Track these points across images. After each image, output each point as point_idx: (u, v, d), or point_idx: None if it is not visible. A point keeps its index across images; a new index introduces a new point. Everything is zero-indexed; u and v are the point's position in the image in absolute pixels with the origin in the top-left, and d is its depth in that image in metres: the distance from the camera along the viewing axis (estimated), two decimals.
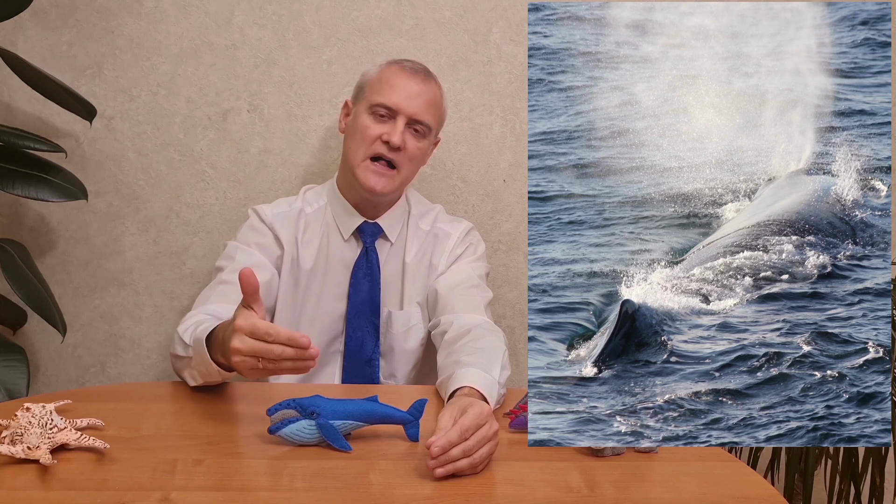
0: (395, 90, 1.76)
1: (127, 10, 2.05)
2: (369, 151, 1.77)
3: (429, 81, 1.81)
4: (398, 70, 1.79)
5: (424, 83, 1.79)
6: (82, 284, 2.13)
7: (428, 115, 1.79)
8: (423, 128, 1.79)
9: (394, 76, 1.78)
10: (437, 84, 1.84)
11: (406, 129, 1.77)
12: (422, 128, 1.79)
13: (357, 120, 1.80)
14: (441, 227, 1.89)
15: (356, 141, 1.78)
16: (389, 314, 1.85)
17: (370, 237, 1.84)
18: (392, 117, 1.76)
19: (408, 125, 1.77)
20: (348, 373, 1.85)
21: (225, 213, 2.12)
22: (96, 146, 2.09)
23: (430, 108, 1.79)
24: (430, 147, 1.86)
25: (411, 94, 1.77)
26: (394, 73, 1.79)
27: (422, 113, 1.77)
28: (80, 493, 1.18)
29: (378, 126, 1.76)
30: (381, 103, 1.76)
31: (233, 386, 1.73)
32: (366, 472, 1.28)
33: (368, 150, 1.77)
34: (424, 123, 1.78)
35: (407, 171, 1.80)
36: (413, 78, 1.78)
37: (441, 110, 1.84)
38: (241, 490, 1.21)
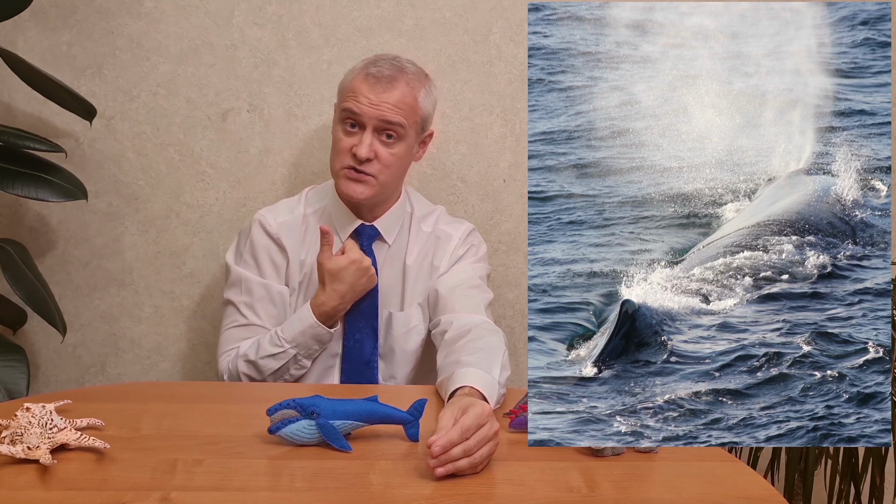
0: (358, 98, 1.75)
1: (127, 10, 2.05)
2: (343, 163, 1.77)
3: (394, 85, 1.75)
4: (363, 78, 1.76)
5: (389, 89, 1.75)
6: (82, 284, 2.13)
7: (397, 114, 1.75)
8: (395, 130, 1.75)
9: (359, 84, 1.76)
10: (409, 83, 1.77)
11: (375, 138, 1.75)
12: (393, 131, 1.75)
13: (334, 129, 1.81)
14: (442, 228, 1.89)
15: (333, 151, 1.80)
16: (390, 315, 1.84)
17: (367, 239, 1.84)
18: (361, 127, 1.75)
19: (377, 133, 1.75)
20: (347, 374, 1.84)
21: (225, 213, 2.12)
22: (96, 146, 2.09)
23: (399, 107, 1.75)
24: (415, 146, 1.83)
25: (375, 101, 1.74)
26: (359, 81, 1.77)
27: (389, 114, 1.74)
28: (80, 493, 1.18)
29: (348, 138, 1.76)
30: (347, 108, 1.76)
31: (233, 386, 1.73)
32: (366, 472, 1.28)
33: (343, 161, 1.77)
34: (394, 123, 1.75)
35: (385, 178, 1.78)
36: (376, 85, 1.75)
37: (416, 107, 1.78)
38: (241, 490, 1.21)
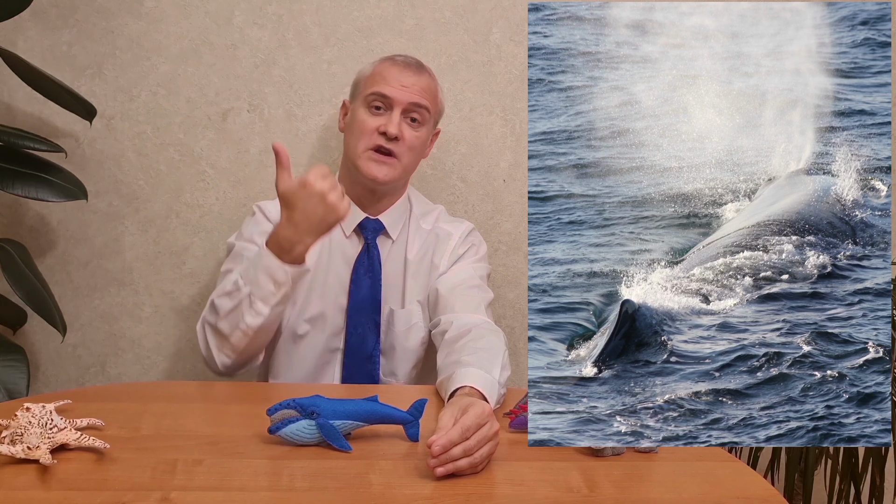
0: (388, 81, 1.79)
1: (127, 10, 2.05)
2: (369, 143, 1.78)
3: (422, 73, 1.83)
4: (390, 64, 1.82)
5: (417, 74, 1.82)
6: (82, 284, 2.13)
7: (425, 99, 1.80)
8: (421, 114, 1.80)
9: (387, 69, 1.81)
10: (431, 75, 1.86)
11: (403, 120, 1.79)
12: (419, 114, 1.80)
13: (355, 115, 1.82)
14: (442, 226, 1.90)
15: (355, 135, 1.80)
16: (391, 312, 1.85)
17: (372, 233, 1.84)
18: (388, 108, 1.78)
19: (404, 115, 1.79)
20: (349, 369, 1.85)
21: (225, 213, 2.12)
22: (96, 146, 2.09)
23: (426, 93, 1.81)
24: (430, 137, 1.87)
25: (405, 83, 1.79)
26: (386, 67, 1.82)
27: (417, 97, 1.79)
28: (80, 493, 1.18)
29: (375, 119, 1.78)
30: (376, 92, 1.78)
31: (233, 386, 1.73)
32: (366, 472, 1.28)
33: (368, 142, 1.78)
34: (422, 106, 1.80)
35: (407, 160, 1.81)
36: (406, 69, 1.81)
37: (437, 99, 1.86)
38: (241, 490, 1.21)
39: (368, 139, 1.78)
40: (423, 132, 1.82)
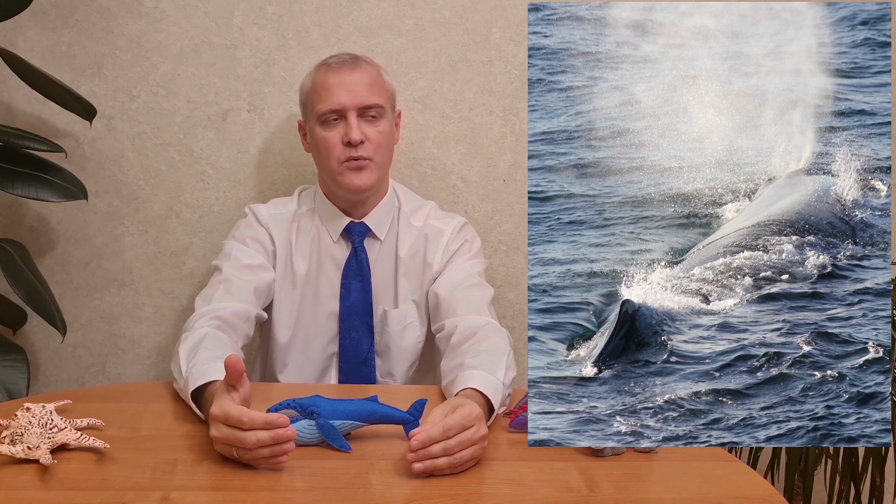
0: (331, 92, 1.77)
1: (127, 10, 2.05)
2: (340, 157, 1.77)
3: (359, 67, 1.80)
4: (326, 70, 1.80)
5: (356, 70, 1.79)
6: (82, 284, 2.13)
7: (373, 96, 1.78)
8: (375, 110, 1.78)
9: (326, 79, 1.79)
10: (370, 63, 1.83)
11: (360, 121, 1.77)
12: (374, 111, 1.78)
13: (315, 135, 1.81)
14: (433, 223, 1.88)
15: (323, 154, 1.79)
16: (384, 313, 1.84)
17: (358, 237, 1.84)
18: (342, 116, 1.77)
19: (360, 115, 1.77)
20: (345, 373, 1.84)
21: (225, 213, 2.12)
22: (96, 146, 2.09)
23: (372, 88, 1.79)
24: (393, 123, 1.85)
25: (349, 87, 1.77)
26: (324, 76, 1.79)
27: (366, 97, 1.77)
28: (80, 493, 1.18)
29: (335, 132, 1.77)
30: (326, 111, 1.77)
31: None
32: (366, 472, 1.28)
33: (338, 156, 1.77)
34: (373, 106, 1.78)
35: (380, 158, 1.80)
36: (342, 70, 1.79)
37: (385, 85, 1.83)
38: (241, 490, 1.21)
39: (338, 154, 1.77)
40: (384, 124, 1.80)
